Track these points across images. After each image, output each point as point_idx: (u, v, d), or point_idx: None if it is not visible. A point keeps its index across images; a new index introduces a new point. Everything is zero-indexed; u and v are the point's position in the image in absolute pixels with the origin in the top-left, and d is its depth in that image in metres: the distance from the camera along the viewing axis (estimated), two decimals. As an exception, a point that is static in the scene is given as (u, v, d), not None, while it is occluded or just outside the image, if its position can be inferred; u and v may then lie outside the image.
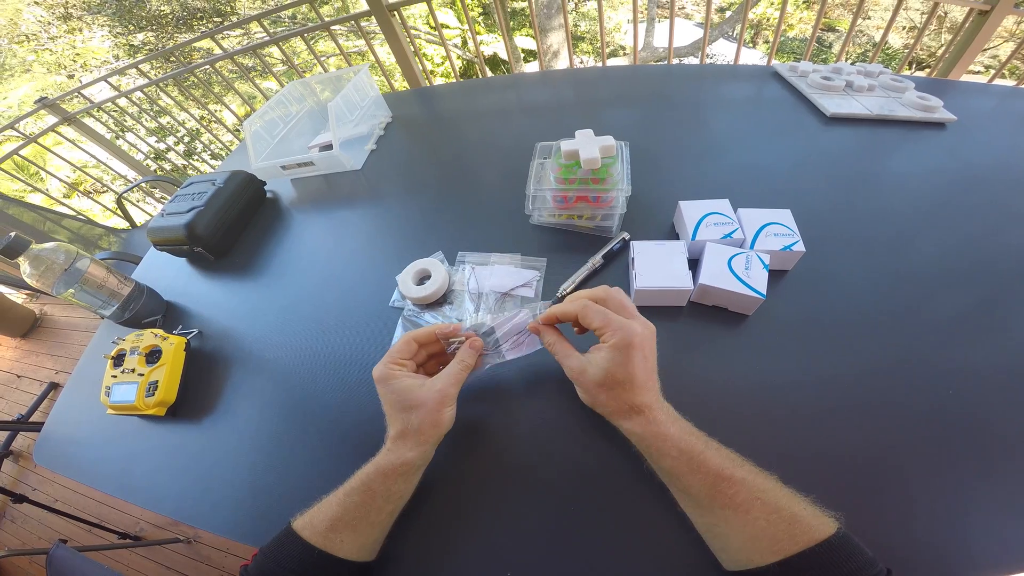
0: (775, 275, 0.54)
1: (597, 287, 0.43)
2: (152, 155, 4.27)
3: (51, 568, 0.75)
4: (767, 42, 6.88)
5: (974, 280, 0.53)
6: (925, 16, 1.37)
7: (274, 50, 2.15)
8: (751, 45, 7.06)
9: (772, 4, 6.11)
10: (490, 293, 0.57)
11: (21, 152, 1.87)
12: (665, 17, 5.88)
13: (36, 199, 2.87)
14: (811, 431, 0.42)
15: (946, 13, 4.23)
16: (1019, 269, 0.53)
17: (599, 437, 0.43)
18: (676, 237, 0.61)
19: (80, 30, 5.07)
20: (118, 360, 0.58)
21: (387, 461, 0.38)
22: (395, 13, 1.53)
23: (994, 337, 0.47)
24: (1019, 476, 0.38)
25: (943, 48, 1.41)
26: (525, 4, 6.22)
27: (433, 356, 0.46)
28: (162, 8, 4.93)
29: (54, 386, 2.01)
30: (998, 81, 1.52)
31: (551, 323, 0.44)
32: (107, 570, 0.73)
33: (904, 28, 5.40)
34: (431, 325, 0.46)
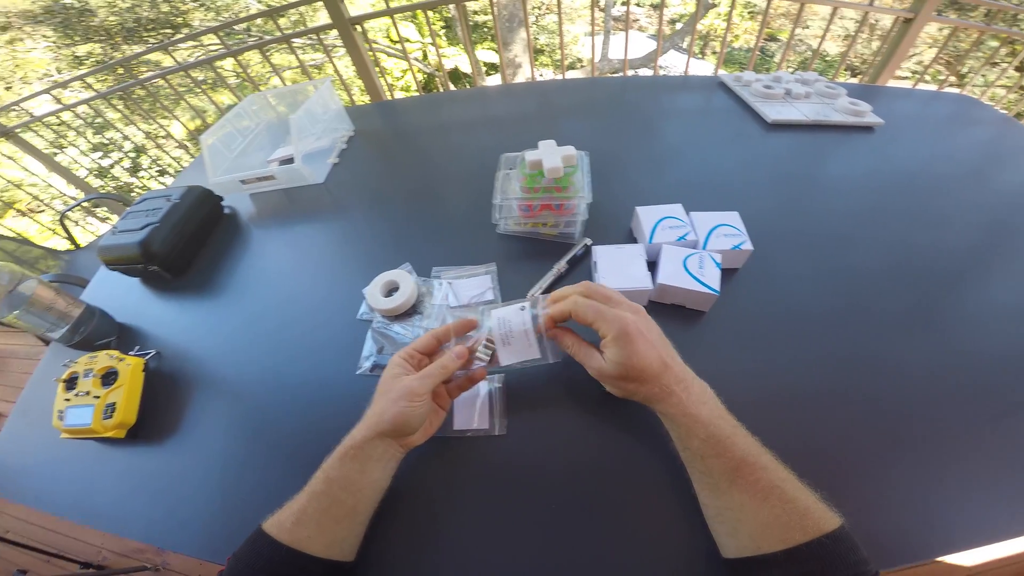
0: (727, 273, 0.58)
1: (578, 283, 0.45)
2: (96, 171, 4.04)
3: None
4: (715, 53, 7.23)
5: (904, 271, 0.58)
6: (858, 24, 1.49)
7: (226, 63, 2.10)
8: (700, 56, 7.40)
9: (719, 15, 6.43)
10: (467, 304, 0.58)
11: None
12: (620, 30, 6.09)
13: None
14: (764, 420, 0.45)
15: (877, 21, 4.55)
16: (938, 264, 0.59)
17: (589, 433, 0.45)
18: (635, 241, 0.64)
19: (21, 40, 4.75)
20: (70, 383, 0.55)
21: (340, 443, 0.39)
22: (357, 26, 1.53)
23: (926, 327, 0.52)
24: (958, 461, 0.41)
25: (873, 55, 1.54)
26: (487, 17, 6.31)
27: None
28: (109, 19, 4.69)
29: (-12, 415, 1.86)
30: (921, 85, 1.66)
31: (552, 326, 0.44)
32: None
33: (840, 36, 5.77)
34: (452, 323, 0.47)
